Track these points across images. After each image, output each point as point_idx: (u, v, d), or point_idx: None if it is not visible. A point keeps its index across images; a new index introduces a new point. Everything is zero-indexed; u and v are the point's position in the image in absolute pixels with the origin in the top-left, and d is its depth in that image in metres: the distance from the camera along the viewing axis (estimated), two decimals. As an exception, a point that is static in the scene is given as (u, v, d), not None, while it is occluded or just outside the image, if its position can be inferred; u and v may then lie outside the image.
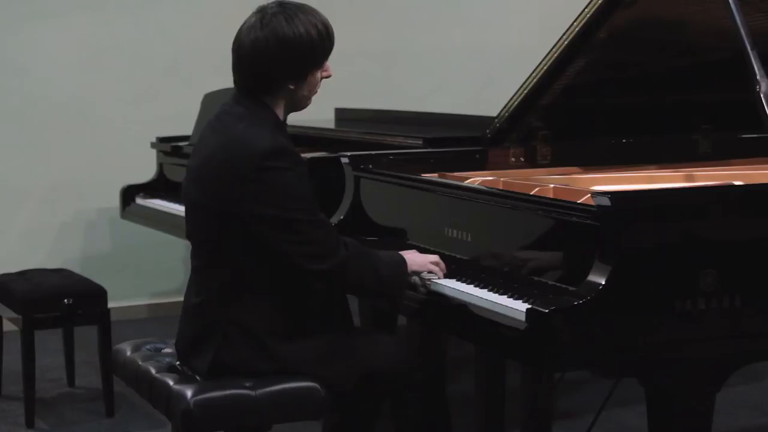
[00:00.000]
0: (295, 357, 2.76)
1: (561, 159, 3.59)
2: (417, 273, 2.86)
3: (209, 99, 4.82)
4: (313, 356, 2.77)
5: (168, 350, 3.02)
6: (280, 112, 2.80)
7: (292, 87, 2.77)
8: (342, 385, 2.79)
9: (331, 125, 5.06)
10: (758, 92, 2.83)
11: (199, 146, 2.88)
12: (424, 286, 2.88)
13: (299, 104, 2.83)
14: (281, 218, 2.67)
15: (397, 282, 2.82)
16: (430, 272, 2.88)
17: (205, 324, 2.80)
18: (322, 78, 2.82)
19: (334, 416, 2.98)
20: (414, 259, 2.87)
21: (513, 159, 3.58)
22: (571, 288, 2.51)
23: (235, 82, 2.82)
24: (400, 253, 2.87)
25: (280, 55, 2.72)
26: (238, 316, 2.75)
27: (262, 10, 2.76)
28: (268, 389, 2.73)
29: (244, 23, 2.77)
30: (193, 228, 2.87)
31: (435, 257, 2.90)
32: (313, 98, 2.86)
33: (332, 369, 2.78)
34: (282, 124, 2.80)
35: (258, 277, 2.75)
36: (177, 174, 4.99)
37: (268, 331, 2.75)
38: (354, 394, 2.85)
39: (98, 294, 4.32)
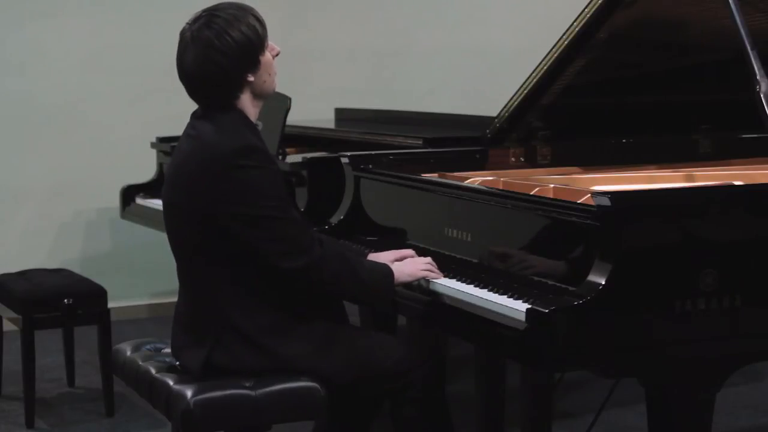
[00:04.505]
0: (289, 352, 2.76)
1: (561, 159, 3.59)
2: (407, 283, 2.87)
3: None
4: (308, 350, 2.77)
5: (168, 350, 3.01)
6: (249, 107, 2.81)
7: (251, 78, 2.78)
8: (338, 379, 2.79)
9: (331, 125, 5.07)
10: (758, 92, 2.83)
11: (175, 153, 2.91)
12: (420, 286, 2.88)
13: (264, 90, 2.83)
14: (251, 216, 2.68)
15: (379, 289, 2.83)
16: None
17: (195, 327, 2.81)
18: (273, 57, 2.83)
19: (322, 420, 2.99)
20: (403, 269, 2.87)
21: (513, 159, 3.58)
22: (571, 288, 2.51)
23: (197, 102, 2.84)
24: (389, 264, 2.87)
25: (226, 63, 2.72)
26: (228, 316, 2.75)
27: (189, 30, 2.78)
28: (268, 389, 2.73)
29: (178, 49, 2.81)
30: (173, 232, 2.88)
31: (427, 259, 2.91)
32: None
33: (328, 362, 2.78)
34: (252, 125, 2.81)
35: (243, 276, 2.76)
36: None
37: (260, 328, 2.75)
38: (353, 392, 2.85)
39: (98, 294, 4.32)
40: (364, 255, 3.03)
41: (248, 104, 2.81)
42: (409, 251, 2.99)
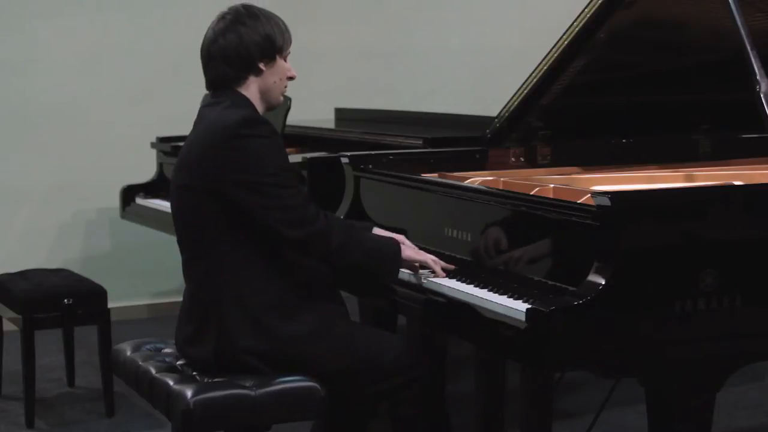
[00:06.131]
0: (289, 332, 2.78)
1: (561, 159, 3.59)
2: (412, 261, 2.90)
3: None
4: (308, 333, 2.79)
5: (168, 350, 3.02)
6: (255, 99, 2.88)
7: (262, 67, 2.86)
8: (337, 371, 2.80)
9: (331, 125, 5.07)
10: (758, 92, 2.83)
11: (184, 143, 2.95)
12: (420, 285, 2.88)
13: (271, 90, 2.90)
14: (257, 183, 2.73)
15: (386, 259, 2.87)
16: (425, 268, 2.90)
17: (199, 312, 2.83)
18: (288, 78, 2.93)
19: (321, 420, 3.00)
20: (410, 248, 2.91)
21: (513, 159, 3.58)
22: (571, 288, 2.51)
23: (208, 81, 2.91)
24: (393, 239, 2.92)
25: (247, 37, 2.84)
26: (232, 294, 2.78)
27: (223, 14, 2.91)
28: (268, 389, 2.73)
29: (208, 28, 2.91)
30: (181, 215, 2.90)
31: (434, 257, 2.92)
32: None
33: (325, 348, 2.80)
34: (255, 108, 2.88)
35: (247, 255, 2.78)
36: (177, 174, 4.99)
37: (264, 306, 2.78)
38: (353, 388, 2.85)
39: (98, 294, 4.32)
40: (369, 229, 3.06)
41: (254, 95, 2.88)
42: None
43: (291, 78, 2.94)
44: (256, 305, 2.77)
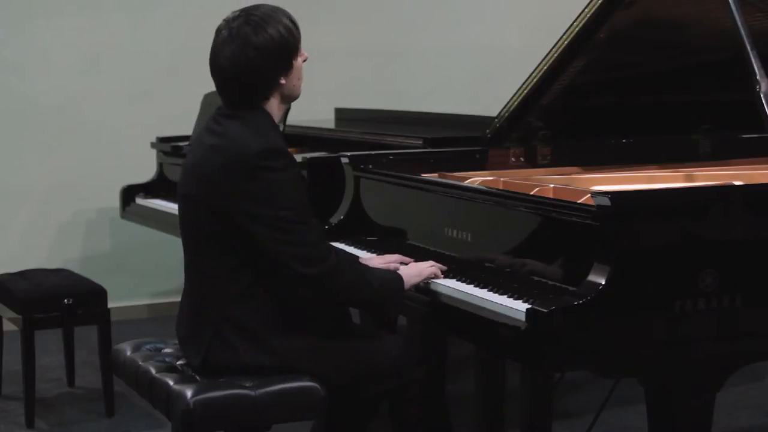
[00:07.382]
0: (290, 349, 2.76)
1: (561, 159, 3.59)
2: (415, 285, 2.88)
3: (209, 99, 4.82)
4: (309, 348, 2.78)
5: (168, 350, 3.02)
6: (275, 109, 2.82)
7: (283, 81, 2.79)
8: (338, 377, 2.79)
9: (331, 125, 5.07)
10: (758, 92, 2.83)
11: (195, 145, 2.91)
12: (420, 286, 2.88)
13: (293, 93, 2.85)
14: (273, 217, 2.68)
15: (391, 294, 2.82)
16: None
17: (197, 318, 2.82)
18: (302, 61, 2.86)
19: (321, 421, 2.99)
20: (410, 272, 2.87)
21: (513, 159, 3.58)
22: (571, 288, 2.51)
23: (228, 102, 2.82)
24: (395, 270, 2.88)
25: (262, 62, 2.74)
26: (229, 308, 2.76)
27: (227, 27, 2.77)
28: (268, 389, 2.73)
29: (214, 45, 2.79)
30: (187, 223, 2.88)
31: (429, 263, 2.91)
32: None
33: (329, 362, 2.79)
34: (277, 127, 2.82)
35: (249, 271, 2.76)
36: (177, 174, 4.97)
37: (261, 322, 2.76)
38: (353, 390, 2.85)
39: (98, 294, 4.32)
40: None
41: (275, 107, 2.82)
42: (395, 256, 2.99)
43: (304, 61, 2.86)
44: (251, 319, 2.75)
